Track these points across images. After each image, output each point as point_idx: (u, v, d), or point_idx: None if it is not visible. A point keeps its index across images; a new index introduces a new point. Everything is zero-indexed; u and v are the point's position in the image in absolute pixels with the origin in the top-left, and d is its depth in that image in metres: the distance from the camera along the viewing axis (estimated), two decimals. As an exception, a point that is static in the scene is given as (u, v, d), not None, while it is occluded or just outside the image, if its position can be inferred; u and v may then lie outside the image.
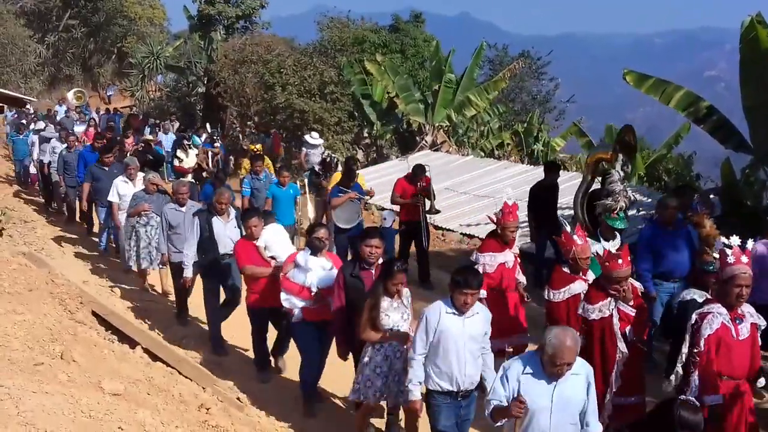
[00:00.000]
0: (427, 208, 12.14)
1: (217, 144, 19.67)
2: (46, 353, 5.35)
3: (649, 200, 14.37)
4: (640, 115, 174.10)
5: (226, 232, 8.75)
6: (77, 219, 15.19)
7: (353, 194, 11.49)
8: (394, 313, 6.20)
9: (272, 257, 7.90)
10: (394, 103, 25.14)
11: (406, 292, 6.33)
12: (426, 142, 24.28)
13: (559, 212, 13.28)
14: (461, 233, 15.41)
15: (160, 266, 10.64)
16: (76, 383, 4.92)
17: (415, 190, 11.85)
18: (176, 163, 17.50)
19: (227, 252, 8.65)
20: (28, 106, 29.24)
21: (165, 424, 4.92)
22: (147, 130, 24.39)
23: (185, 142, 18.68)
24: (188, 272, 8.74)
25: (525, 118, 30.83)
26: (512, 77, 28.17)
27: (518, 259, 7.92)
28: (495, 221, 7.76)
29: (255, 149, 15.11)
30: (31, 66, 42.55)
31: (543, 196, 11.82)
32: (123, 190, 11.55)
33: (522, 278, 7.93)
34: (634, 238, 12.63)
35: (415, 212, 11.89)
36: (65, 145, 15.18)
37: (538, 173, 18.15)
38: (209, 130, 22.02)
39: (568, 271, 6.95)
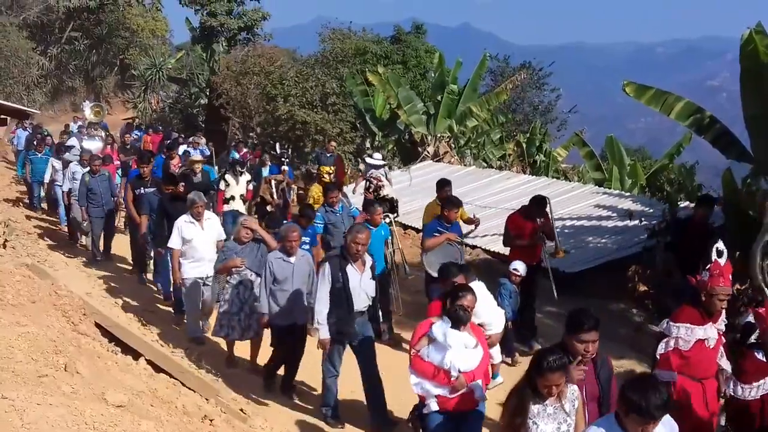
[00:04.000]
0: (551, 250, 9.98)
1: (284, 167, 15.89)
2: (49, 365, 5.36)
3: (650, 210, 14.38)
4: (641, 126, 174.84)
5: (362, 284, 7.15)
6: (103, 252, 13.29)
7: (452, 235, 9.27)
8: (548, 423, 4.55)
9: (480, 325, 6.24)
10: (396, 114, 25.25)
11: (571, 392, 4.62)
12: (428, 152, 24.36)
13: (559, 223, 13.11)
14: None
15: (254, 334, 8.55)
16: (80, 395, 4.93)
17: (535, 227, 9.60)
18: (221, 186, 13.44)
19: (361, 309, 7.18)
20: (30, 120, 28.90)
21: (168, 435, 4.93)
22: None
23: (239, 168, 14.01)
24: (324, 332, 7.10)
25: (527, 128, 30.92)
26: (514, 88, 28.26)
27: (723, 337, 5.92)
28: (697, 283, 5.87)
29: (327, 172, 12.76)
30: (33, 78, 42.62)
31: (689, 238, 9.27)
32: (188, 233, 9.31)
33: (726, 364, 5.91)
34: (634, 249, 12.72)
35: (534, 254, 9.68)
36: (86, 169, 13.35)
37: (540, 184, 18.22)
38: (278, 151, 18.29)
39: (765, 359, 5.32)
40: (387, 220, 10.39)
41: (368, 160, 13.85)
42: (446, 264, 6.73)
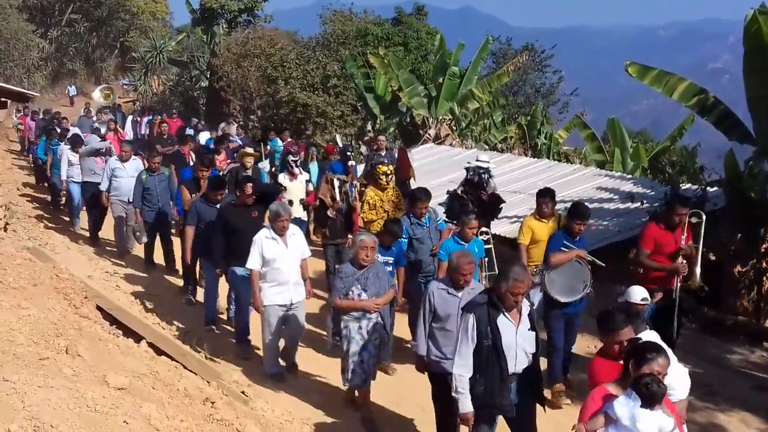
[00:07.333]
0: (690, 278, 7.61)
1: (351, 162, 12.17)
2: (51, 348, 5.35)
3: (652, 193, 14.35)
4: (644, 108, 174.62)
5: (518, 339, 5.34)
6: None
7: (582, 252, 7.63)
8: None
9: None
10: (398, 96, 25.18)
11: None
12: (429, 135, 24.28)
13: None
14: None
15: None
16: (81, 378, 4.93)
17: (678, 245, 7.47)
18: None
19: (517, 371, 5.38)
20: (32, 104, 28.71)
21: (170, 418, 4.92)
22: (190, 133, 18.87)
23: (291, 158, 11.71)
24: (465, 404, 5.32)
25: (528, 111, 30.84)
26: (516, 70, 28.17)
27: None
28: None
29: (384, 172, 9.90)
30: (33, 61, 42.54)
31: None
32: (270, 251, 7.61)
33: None
34: (636, 232, 12.69)
35: (669, 281, 7.53)
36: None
37: (541, 167, 18.17)
38: (340, 144, 15.41)
39: None
40: (484, 237, 8.87)
41: (474, 163, 10.92)
42: (610, 312, 5.08)
